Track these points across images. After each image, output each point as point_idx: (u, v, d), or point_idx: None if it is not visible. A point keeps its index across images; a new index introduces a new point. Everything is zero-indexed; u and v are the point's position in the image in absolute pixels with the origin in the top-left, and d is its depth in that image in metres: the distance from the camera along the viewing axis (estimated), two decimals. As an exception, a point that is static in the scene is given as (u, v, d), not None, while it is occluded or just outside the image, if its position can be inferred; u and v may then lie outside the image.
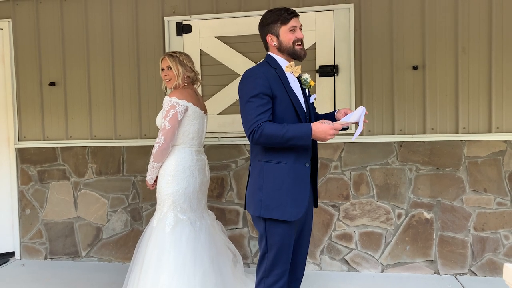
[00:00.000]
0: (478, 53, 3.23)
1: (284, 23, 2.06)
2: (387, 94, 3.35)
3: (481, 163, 3.27)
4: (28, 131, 3.84)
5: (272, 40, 2.10)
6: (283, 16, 2.06)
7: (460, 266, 3.30)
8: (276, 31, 2.08)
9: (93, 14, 3.70)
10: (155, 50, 3.60)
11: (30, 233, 3.87)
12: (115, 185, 3.72)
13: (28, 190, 3.86)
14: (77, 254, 3.80)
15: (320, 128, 1.93)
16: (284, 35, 2.07)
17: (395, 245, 3.37)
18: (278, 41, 2.08)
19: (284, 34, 2.07)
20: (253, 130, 1.94)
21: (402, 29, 3.31)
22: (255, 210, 2.04)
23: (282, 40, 2.08)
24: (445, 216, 3.31)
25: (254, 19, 3.45)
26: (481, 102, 3.24)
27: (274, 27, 2.07)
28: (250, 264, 3.54)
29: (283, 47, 2.09)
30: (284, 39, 2.07)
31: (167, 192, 2.58)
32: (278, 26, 2.07)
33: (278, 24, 2.07)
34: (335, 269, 3.45)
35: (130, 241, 3.68)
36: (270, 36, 2.10)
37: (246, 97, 1.99)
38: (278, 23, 2.06)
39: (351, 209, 3.42)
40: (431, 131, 3.30)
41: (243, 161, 3.54)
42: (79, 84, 3.74)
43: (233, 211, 3.57)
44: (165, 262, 2.46)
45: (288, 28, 2.07)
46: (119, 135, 3.70)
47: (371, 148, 3.37)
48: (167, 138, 2.54)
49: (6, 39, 3.81)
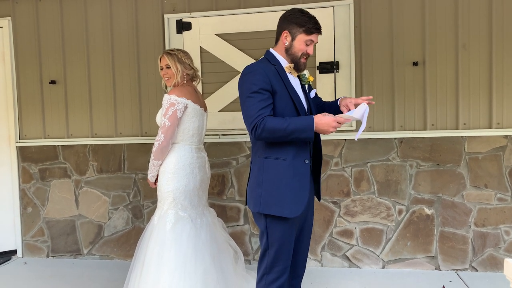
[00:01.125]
0: (479, 49, 3.22)
1: (306, 33, 2.04)
2: (387, 90, 3.34)
3: (481, 159, 3.27)
4: (29, 129, 3.85)
5: (286, 38, 2.07)
6: (309, 26, 2.03)
7: (461, 262, 3.31)
8: (295, 33, 2.05)
9: (93, 12, 3.69)
10: (155, 48, 3.60)
11: (32, 231, 3.88)
12: (116, 183, 3.73)
13: (29, 188, 3.87)
14: (79, 252, 3.81)
15: (323, 121, 1.92)
16: (299, 42, 2.05)
17: (396, 241, 3.37)
18: (291, 43, 2.06)
19: (299, 42, 2.05)
20: (255, 125, 1.93)
21: (402, 25, 3.30)
22: (254, 206, 2.04)
23: (294, 45, 2.06)
24: (446, 212, 3.31)
25: (254, 16, 3.45)
26: (481, 98, 3.24)
27: (295, 28, 2.04)
28: (251, 261, 3.55)
29: (291, 51, 2.07)
30: (297, 46, 2.05)
31: (167, 189, 2.58)
32: (300, 31, 2.04)
33: (300, 30, 2.03)
34: (336, 265, 3.46)
35: (131, 238, 3.69)
36: (286, 33, 2.06)
37: (246, 93, 1.98)
38: (302, 29, 2.03)
39: (352, 205, 3.42)
40: (431, 127, 3.30)
41: (243, 158, 3.54)
42: (80, 82, 3.74)
43: (234, 208, 3.58)
44: (166, 259, 2.47)
45: (306, 39, 2.05)
46: (120, 133, 3.71)
47: (371, 145, 3.37)
48: (167, 136, 2.55)
49: (6, 38, 3.81)
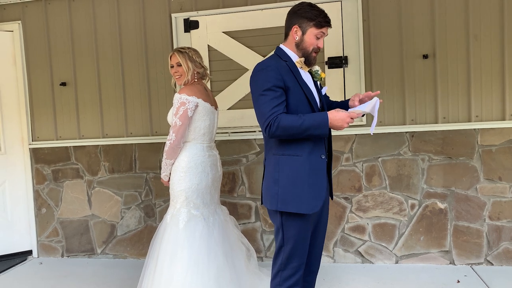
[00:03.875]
0: (490, 39, 3.17)
1: (317, 26, 2.02)
2: (397, 84, 3.31)
3: (495, 151, 3.22)
4: (41, 131, 3.89)
5: (297, 33, 2.04)
6: (319, 19, 2.01)
7: (475, 256, 3.27)
8: (305, 27, 2.03)
9: (101, 14, 3.71)
10: (163, 47, 3.61)
11: (46, 232, 3.93)
12: (128, 182, 3.76)
13: (43, 189, 3.92)
14: (92, 251, 3.85)
15: (337, 116, 1.91)
16: (309, 36, 2.03)
17: (409, 236, 3.35)
18: (302, 38, 2.04)
19: (310, 36, 2.03)
20: (269, 123, 1.91)
21: (411, 17, 3.26)
22: (271, 204, 2.03)
23: (305, 39, 2.04)
24: (460, 206, 3.28)
25: (261, 13, 3.44)
26: (494, 89, 3.19)
27: (305, 22, 2.02)
28: (263, 258, 3.56)
29: (302, 46, 2.05)
30: (308, 40, 2.03)
31: (179, 188, 2.59)
32: (310, 25, 2.02)
33: (311, 23, 2.01)
34: (349, 261, 3.45)
35: (144, 237, 3.72)
36: (296, 28, 2.04)
37: (259, 91, 1.96)
38: (312, 22, 2.01)
39: (363, 201, 3.40)
40: (443, 120, 3.27)
41: (253, 155, 3.54)
42: (90, 84, 3.77)
43: (245, 205, 3.58)
44: (179, 257, 2.49)
45: (316, 33, 2.03)
46: (131, 132, 3.73)
47: (382, 139, 3.34)
48: (178, 135, 2.56)
49: (17, 41, 3.86)
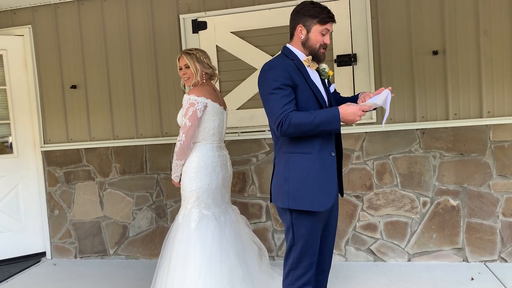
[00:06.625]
0: (501, 34, 3.14)
1: (321, 23, 2.02)
2: (407, 81, 3.29)
3: (508, 147, 3.19)
4: (53, 134, 3.93)
5: (302, 32, 2.05)
6: (323, 16, 2.01)
7: (489, 253, 3.24)
8: (309, 25, 2.03)
9: (110, 16, 3.74)
10: (172, 48, 3.63)
11: (59, 233, 3.97)
12: (139, 183, 3.78)
13: (55, 191, 3.96)
14: (105, 253, 3.89)
15: (349, 110, 1.92)
16: (314, 34, 2.04)
17: (421, 234, 3.32)
18: (307, 36, 2.05)
19: (315, 33, 2.04)
20: (281, 122, 1.91)
21: (420, 13, 3.24)
22: (283, 202, 2.02)
23: (310, 37, 2.04)
24: (472, 203, 3.25)
25: (269, 12, 3.44)
26: (505, 84, 3.15)
27: (309, 20, 2.03)
28: (275, 257, 3.56)
29: (308, 44, 2.06)
30: (313, 38, 2.04)
31: (190, 188, 2.61)
32: (314, 22, 2.02)
33: (314, 21, 2.02)
34: (360, 259, 3.44)
35: (156, 238, 3.74)
36: (300, 27, 2.05)
37: (268, 90, 1.96)
38: (315, 20, 2.02)
39: (375, 199, 3.39)
40: (454, 117, 3.24)
41: (263, 155, 3.54)
42: (100, 86, 3.80)
43: (255, 205, 3.58)
44: (192, 257, 2.50)
45: (321, 29, 2.03)
46: (141, 134, 3.75)
47: (393, 137, 3.32)
48: (188, 136, 2.57)
49: (28, 45, 3.90)
